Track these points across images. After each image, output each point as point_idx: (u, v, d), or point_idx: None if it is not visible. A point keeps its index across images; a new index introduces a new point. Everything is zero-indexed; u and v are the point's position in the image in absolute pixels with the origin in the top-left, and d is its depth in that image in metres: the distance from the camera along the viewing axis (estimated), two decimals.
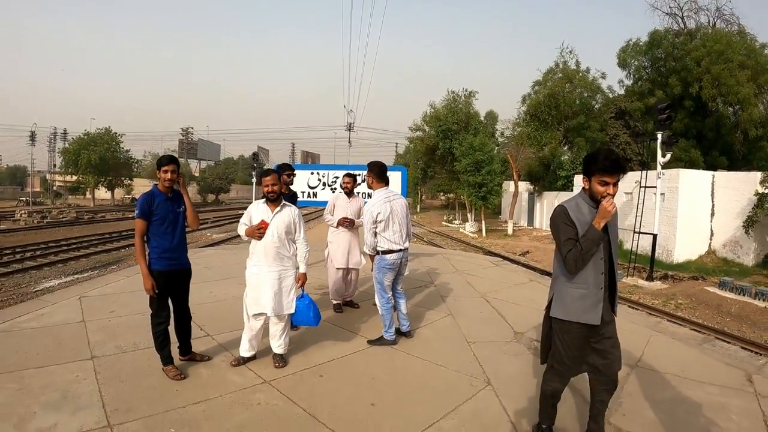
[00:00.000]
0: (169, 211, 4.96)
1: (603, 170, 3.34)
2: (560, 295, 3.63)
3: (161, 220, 4.92)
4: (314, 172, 10.81)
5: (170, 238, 4.97)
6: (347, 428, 4.05)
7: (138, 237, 4.93)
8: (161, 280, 4.92)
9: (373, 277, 6.25)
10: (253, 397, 4.57)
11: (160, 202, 4.93)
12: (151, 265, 4.91)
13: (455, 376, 5.20)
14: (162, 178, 4.94)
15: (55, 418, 4.08)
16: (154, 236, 4.94)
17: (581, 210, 3.52)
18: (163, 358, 5.00)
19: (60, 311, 7.31)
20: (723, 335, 10.55)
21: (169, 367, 4.97)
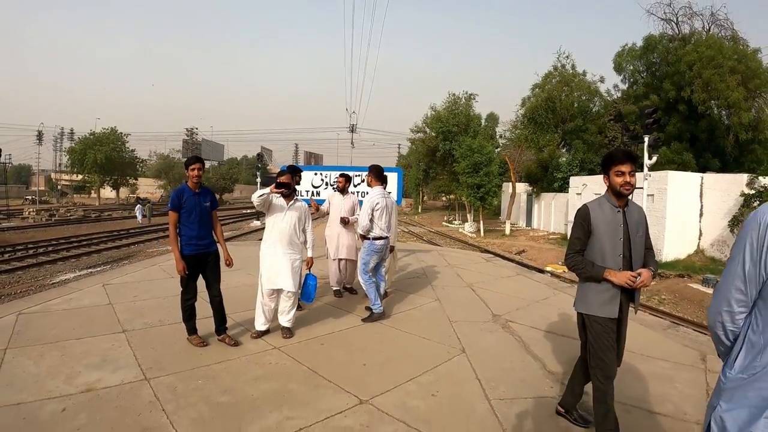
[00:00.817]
0: (195, 204, 5.79)
1: (617, 160, 3.54)
2: (581, 289, 3.85)
3: (189, 212, 5.77)
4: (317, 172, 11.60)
5: (196, 227, 5.80)
6: (342, 381, 4.93)
7: (172, 227, 5.82)
8: (190, 263, 5.77)
9: (359, 258, 7.35)
10: (266, 359, 5.49)
11: (189, 196, 5.78)
12: (182, 250, 5.76)
13: (436, 346, 6.09)
14: (190, 175, 5.81)
15: (98, 375, 4.90)
16: (183, 226, 5.79)
17: (603, 209, 3.68)
18: (188, 328, 5.88)
19: (87, 296, 8.15)
20: (689, 323, 11.23)
21: (194, 336, 5.86)
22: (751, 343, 1.92)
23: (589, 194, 27.39)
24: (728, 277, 2.01)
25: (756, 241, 1.89)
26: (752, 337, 1.92)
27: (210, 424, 3.95)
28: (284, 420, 4.05)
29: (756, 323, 1.92)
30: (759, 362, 1.84)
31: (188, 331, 5.89)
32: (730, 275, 2.00)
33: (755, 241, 1.90)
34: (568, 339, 6.47)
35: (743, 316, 1.99)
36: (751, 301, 1.96)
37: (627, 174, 3.53)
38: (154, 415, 4.08)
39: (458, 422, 4.14)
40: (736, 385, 1.90)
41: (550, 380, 5.11)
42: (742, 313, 1.98)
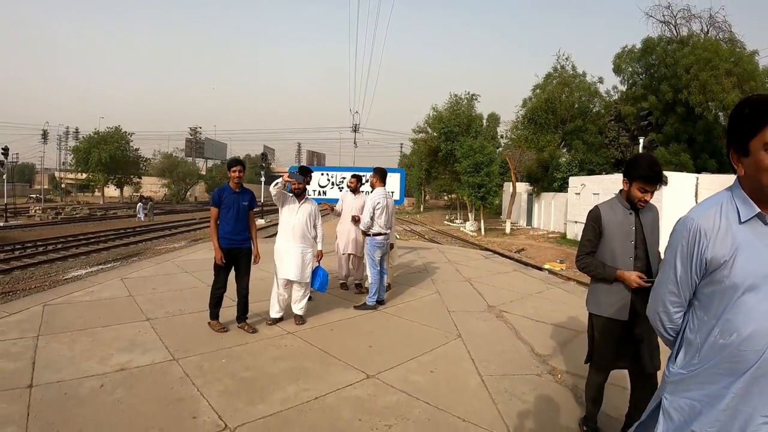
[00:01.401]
0: (234, 202, 6.43)
1: (644, 179, 3.48)
2: (593, 290, 3.87)
3: (227, 209, 6.41)
4: (324, 173, 12.20)
5: (232, 223, 6.43)
6: (351, 359, 5.54)
7: (212, 221, 6.48)
8: (224, 255, 6.38)
9: (365, 254, 8.07)
10: (281, 342, 6.11)
11: (229, 194, 6.43)
12: (219, 243, 6.38)
13: (434, 332, 6.72)
14: (231, 176, 6.48)
15: (129, 356, 5.45)
16: (221, 221, 6.44)
17: (615, 211, 3.70)
18: (212, 314, 6.48)
19: (107, 289, 8.69)
20: None
21: (215, 322, 6.44)
22: (689, 342, 2.00)
23: (587, 194, 27.87)
24: (662, 280, 2.10)
25: (686, 248, 1.95)
26: (689, 336, 2.01)
27: (236, 394, 4.54)
28: (301, 391, 4.65)
29: (693, 323, 2.01)
30: (696, 360, 1.93)
31: (211, 316, 6.49)
32: (664, 279, 2.08)
33: (685, 248, 1.95)
34: (557, 327, 7.06)
35: (680, 314, 2.08)
36: (685, 302, 2.05)
37: (649, 193, 3.56)
38: (186, 388, 4.65)
39: (453, 393, 4.74)
40: (678, 379, 1.99)
41: (536, 361, 5.69)
42: (678, 312, 2.07)
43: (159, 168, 75.15)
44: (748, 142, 1.80)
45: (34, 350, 5.54)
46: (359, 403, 4.47)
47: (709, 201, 2.00)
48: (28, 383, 4.64)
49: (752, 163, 1.80)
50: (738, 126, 1.85)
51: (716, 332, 1.87)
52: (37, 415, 4.03)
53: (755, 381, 1.79)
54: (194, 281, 9.41)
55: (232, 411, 4.20)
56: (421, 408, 4.40)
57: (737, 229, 1.85)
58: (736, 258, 1.83)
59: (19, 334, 6.05)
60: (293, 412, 4.26)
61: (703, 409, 1.88)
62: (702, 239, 1.89)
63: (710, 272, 1.90)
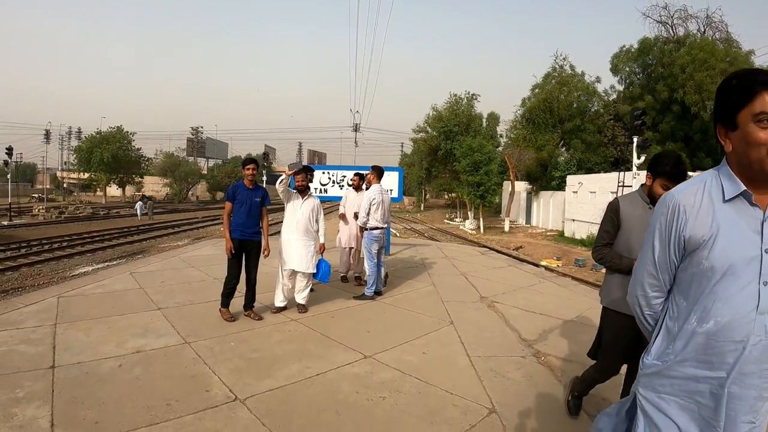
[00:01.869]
0: (247, 198, 6.90)
1: (668, 176, 3.40)
2: (606, 281, 3.81)
3: (240, 204, 6.89)
4: (325, 171, 12.67)
5: (244, 217, 6.90)
6: (350, 342, 6.00)
7: (225, 214, 6.97)
8: (235, 246, 6.85)
9: (363, 247, 8.58)
10: (285, 327, 6.58)
11: (242, 191, 6.91)
12: (231, 235, 6.86)
13: (428, 319, 7.17)
14: (245, 174, 6.95)
15: (144, 341, 5.86)
16: (234, 215, 6.92)
17: (635, 205, 3.63)
18: (223, 303, 6.90)
19: (118, 282, 9.10)
20: None
21: (225, 310, 6.86)
22: (668, 330, 1.92)
23: (584, 192, 28.27)
24: (641, 262, 2.02)
25: (665, 225, 1.86)
26: (669, 323, 1.93)
27: (245, 371, 4.99)
28: (304, 368, 5.11)
29: (672, 310, 1.93)
30: (671, 349, 1.86)
31: (222, 304, 6.90)
32: (642, 261, 2.01)
33: (663, 226, 1.87)
34: (545, 317, 7.48)
35: (659, 301, 1.99)
36: (665, 287, 1.96)
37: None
38: (198, 366, 5.09)
39: (443, 371, 5.19)
40: (652, 372, 1.92)
41: (522, 345, 6.12)
42: (658, 298, 1.99)
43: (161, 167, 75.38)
44: (735, 115, 1.73)
45: (53, 336, 5.92)
46: (357, 378, 4.92)
47: (694, 179, 1.92)
48: (50, 364, 5.03)
49: (740, 137, 1.73)
50: (725, 99, 1.77)
51: (693, 319, 1.81)
52: (61, 391, 4.41)
53: (736, 380, 1.74)
54: (201, 275, 9.83)
55: (242, 385, 4.64)
56: (412, 383, 4.84)
57: (720, 208, 1.79)
58: (716, 239, 1.76)
59: (37, 323, 6.43)
60: (297, 385, 4.71)
61: (679, 409, 1.85)
62: (681, 216, 1.83)
63: (689, 253, 1.84)
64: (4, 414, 3.93)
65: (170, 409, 4.13)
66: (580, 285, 11.08)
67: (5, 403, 4.13)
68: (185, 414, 4.05)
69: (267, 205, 7.22)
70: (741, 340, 1.72)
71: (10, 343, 5.60)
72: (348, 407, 4.31)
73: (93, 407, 4.13)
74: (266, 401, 4.35)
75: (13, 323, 6.39)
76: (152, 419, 3.94)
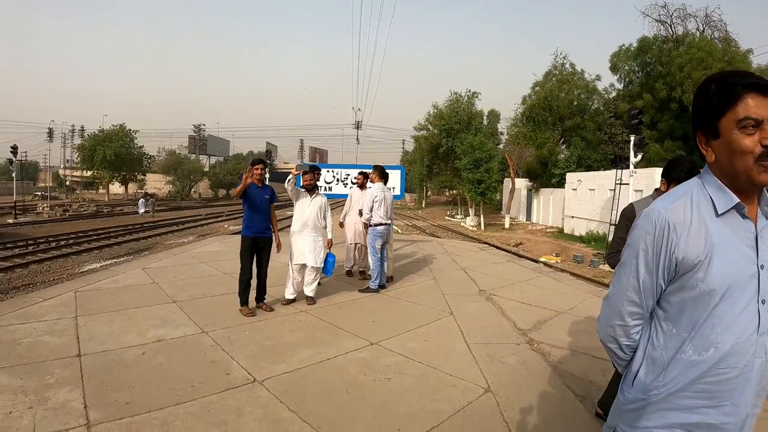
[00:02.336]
0: (257, 196, 7.29)
1: (682, 182, 3.08)
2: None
3: (252, 202, 7.26)
4: (330, 170, 13.06)
5: (256, 215, 7.31)
6: (356, 331, 6.47)
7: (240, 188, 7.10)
8: (248, 243, 7.25)
9: (367, 243, 8.98)
10: (296, 318, 7.04)
11: (253, 189, 7.27)
12: (242, 232, 7.29)
13: (430, 310, 7.62)
14: (254, 173, 7.26)
15: (163, 331, 6.28)
16: (247, 212, 7.29)
17: None
18: (241, 301, 7.25)
19: (131, 277, 9.50)
20: None
21: (244, 307, 7.22)
22: (653, 360, 1.73)
23: (583, 190, 28.59)
24: (620, 286, 1.79)
25: (651, 246, 1.67)
26: (653, 353, 1.73)
27: (261, 356, 5.43)
28: (315, 354, 5.56)
29: (656, 337, 1.74)
30: (662, 381, 1.68)
31: (240, 303, 7.25)
32: (622, 285, 1.78)
33: (650, 246, 1.67)
34: (540, 308, 7.91)
35: (639, 329, 1.79)
36: (647, 313, 1.77)
37: None
38: (217, 353, 5.51)
39: (443, 355, 5.64)
40: (638, 407, 1.74)
41: (517, 334, 6.56)
42: (638, 326, 1.78)
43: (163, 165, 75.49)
44: (717, 122, 1.61)
45: (75, 328, 6.29)
46: (364, 363, 5.37)
47: (676, 191, 1.76)
48: (76, 353, 5.41)
49: (723, 145, 1.61)
50: (705, 105, 1.65)
51: (688, 348, 1.64)
52: (90, 376, 4.80)
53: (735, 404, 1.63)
54: (211, 270, 10.25)
55: (259, 369, 5.07)
56: (415, 366, 5.29)
57: (712, 224, 1.63)
58: (712, 258, 1.59)
59: (58, 316, 6.79)
60: (309, 369, 5.15)
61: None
62: (671, 235, 1.63)
63: (680, 276, 1.65)
64: (39, 398, 4.28)
65: (195, 390, 4.55)
66: (575, 280, 11.51)
67: (38, 388, 4.49)
68: (209, 394, 4.47)
69: (275, 202, 7.62)
70: (744, 365, 1.60)
71: (34, 335, 5.96)
72: (357, 387, 4.75)
73: (122, 390, 4.52)
74: (282, 382, 4.78)
75: (35, 316, 6.74)
76: (179, 399, 4.35)
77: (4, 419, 3.91)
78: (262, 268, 7.50)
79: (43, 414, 4.01)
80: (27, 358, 5.21)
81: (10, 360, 5.14)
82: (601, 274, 17.33)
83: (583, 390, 4.83)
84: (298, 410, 4.21)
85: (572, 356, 5.75)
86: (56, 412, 4.05)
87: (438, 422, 4.08)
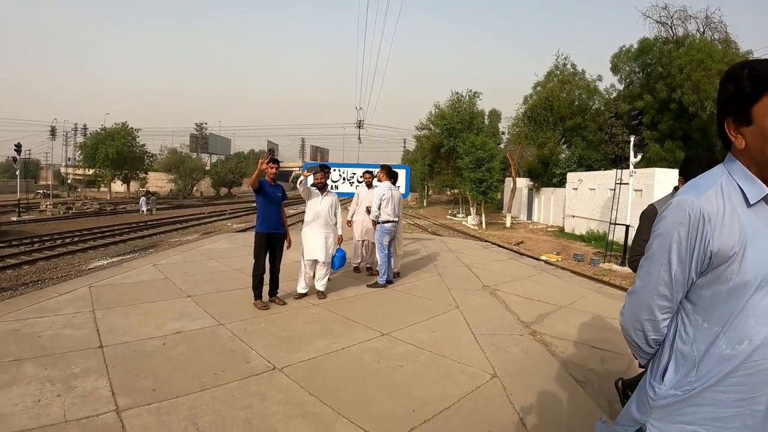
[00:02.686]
0: (271, 193, 7.55)
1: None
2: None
3: (266, 200, 7.52)
4: (336, 169, 13.31)
5: (271, 211, 7.58)
6: (368, 323, 6.79)
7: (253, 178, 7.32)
8: (263, 239, 7.52)
9: (375, 239, 9.31)
10: (308, 311, 7.34)
11: (267, 187, 7.55)
12: (258, 228, 7.54)
13: (436, 304, 7.93)
14: (268, 172, 7.53)
15: (181, 323, 6.55)
16: (261, 209, 7.55)
17: None
18: (255, 295, 7.54)
19: (143, 273, 9.76)
20: None
21: (258, 301, 7.51)
22: (682, 355, 1.66)
23: (584, 189, 28.81)
24: (649, 280, 1.73)
25: (685, 238, 1.60)
26: (682, 348, 1.67)
27: (279, 346, 5.72)
28: (330, 344, 5.86)
29: (685, 331, 1.68)
30: (694, 377, 1.62)
31: (254, 297, 7.54)
32: (652, 279, 1.71)
33: (683, 238, 1.61)
34: (541, 303, 8.21)
35: (667, 323, 1.73)
36: (676, 306, 1.71)
37: None
38: (235, 343, 5.80)
39: (450, 345, 5.95)
40: (670, 402, 1.67)
41: (520, 326, 6.86)
42: (666, 320, 1.73)
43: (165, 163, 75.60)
44: (750, 108, 1.55)
45: (94, 321, 6.53)
46: (377, 351, 5.67)
47: (703, 180, 1.69)
48: (98, 345, 5.66)
49: (756, 132, 1.55)
50: (737, 90, 1.59)
51: (721, 342, 1.59)
52: (114, 366, 5.06)
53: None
54: (221, 266, 10.54)
55: (277, 358, 5.37)
56: (425, 355, 5.60)
57: (744, 214, 1.58)
58: (746, 249, 1.54)
59: (75, 310, 7.03)
60: (325, 357, 5.45)
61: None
62: (706, 226, 1.57)
63: (713, 268, 1.60)
64: (66, 386, 4.52)
65: (218, 377, 4.82)
66: (575, 277, 11.72)
67: (64, 377, 4.73)
68: (232, 381, 4.75)
69: (284, 200, 7.87)
70: None
71: (54, 328, 6.20)
72: (371, 373, 5.05)
73: (147, 378, 4.78)
74: (301, 370, 5.07)
75: (52, 310, 6.98)
76: (203, 385, 4.62)
77: (34, 406, 4.13)
78: (276, 264, 7.76)
79: (72, 401, 4.23)
80: (49, 349, 5.44)
81: (34, 351, 5.36)
82: (601, 272, 17.55)
83: (583, 376, 5.12)
84: (318, 394, 4.50)
85: (573, 346, 6.04)
86: (85, 399, 4.28)
87: (449, 404, 4.38)
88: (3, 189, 78.61)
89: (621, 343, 6.15)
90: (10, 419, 3.89)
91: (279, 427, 3.91)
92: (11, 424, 3.81)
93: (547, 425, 4.09)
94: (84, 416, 3.99)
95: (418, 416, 4.16)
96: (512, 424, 4.09)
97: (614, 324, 7.09)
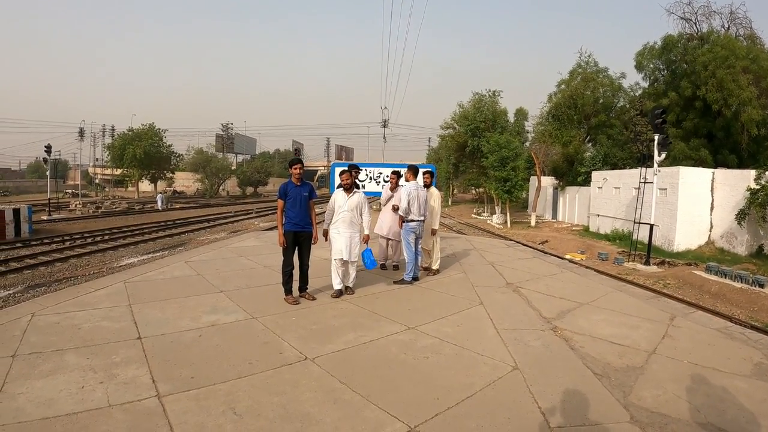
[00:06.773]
0: (297, 194, 7.79)
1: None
2: None
3: (292, 200, 7.76)
4: (363, 169, 13.55)
5: (297, 211, 7.79)
6: (395, 317, 7.06)
7: (279, 211, 7.82)
8: (290, 238, 7.77)
9: (402, 238, 9.51)
10: (338, 305, 7.64)
11: (292, 188, 7.79)
12: (285, 227, 7.75)
13: (461, 300, 8.17)
14: (293, 173, 7.82)
15: (215, 317, 6.88)
16: (287, 210, 7.77)
17: None
18: (285, 290, 7.84)
19: (176, 270, 10.14)
20: (673, 299, 12.52)
21: (289, 297, 7.82)
22: None
23: (608, 188, 28.74)
24: None
25: None
26: None
27: (310, 338, 6.02)
28: (359, 336, 6.15)
29: None
30: None
31: (285, 292, 7.83)
32: None
33: None
34: (563, 300, 8.38)
35: None
36: None
37: None
38: (269, 335, 6.10)
39: (474, 339, 6.19)
40: None
41: (542, 322, 7.06)
42: None
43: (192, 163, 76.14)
44: None
45: (131, 314, 6.89)
46: (403, 344, 5.93)
47: None
48: (136, 336, 6.01)
49: None
50: None
51: None
52: (153, 356, 5.38)
53: None
54: (251, 264, 10.87)
55: (309, 349, 5.66)
56: (450, 347, 5.85)
57: None
58: None
59: (112, 304, 7.40)
60: (355, 349, 5.75)
61: None
62: None
63: None
64: (108, 374, 4.85)
65: (252, 366, 5.12)
66: (598, 275, 11.81)
67: (106, 366, 5.06)
68: (266, 369, 5.05)
69: (314, 199, 8.08)
70: None
71: (93, 321, 6.56)
72: (399, 364, 5.32)
73: (185, 367, 5.10)
74: (331, 360, 5.36)
75: (90, 304, 7.35)
76: (239, 374, 4.92)
77: (78, 392, 4.45)
78: (304, 260, 8.00)
79: (114, 387, 4.55)
80: (90, 341, 5.78)
81: (75, 342, 5.72)
82: (625, 271, 17.56)
83: (602, 369, 5.31)
84: (348, 382, 4.78)
85: (592, 341, 6.22)
86: (126, 386, 4.60)
87: (472, 393, 4.64)
88: (32, 189, 79.90)
89: (639, 339, 6.37)
90: (56, 404, 4.21)
91: (312, 412, 4.18)
92: (57, 409, 4.13)
93: (564, 413, 4.31)
94: (127, 401, 4.30)
95: (442, 403, 4.41)
96: (531, 412, 4.32)
97: (634, 321, 7.26)
